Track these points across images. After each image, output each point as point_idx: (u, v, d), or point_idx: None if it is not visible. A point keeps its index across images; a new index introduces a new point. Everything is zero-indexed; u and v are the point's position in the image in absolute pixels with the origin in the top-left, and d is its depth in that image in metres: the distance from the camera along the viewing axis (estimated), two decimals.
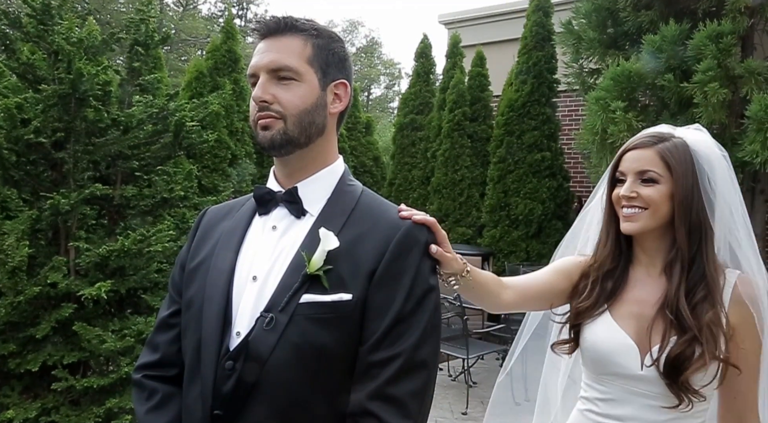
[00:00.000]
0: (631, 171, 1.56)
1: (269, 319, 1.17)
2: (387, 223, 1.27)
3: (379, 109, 35.04)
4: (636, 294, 1.61)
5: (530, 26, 8.58)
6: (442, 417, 5.29)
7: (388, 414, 1.16)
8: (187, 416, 1.25)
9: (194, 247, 1.38)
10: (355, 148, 10.80)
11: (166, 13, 28.44)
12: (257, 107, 1.28)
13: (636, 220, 1.55)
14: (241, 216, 1.36)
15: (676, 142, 1.54)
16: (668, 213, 1.53)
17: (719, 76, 5.14)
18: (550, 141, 8.54)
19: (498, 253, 8.43)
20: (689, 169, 1.52)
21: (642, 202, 1.54)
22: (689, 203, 1.51)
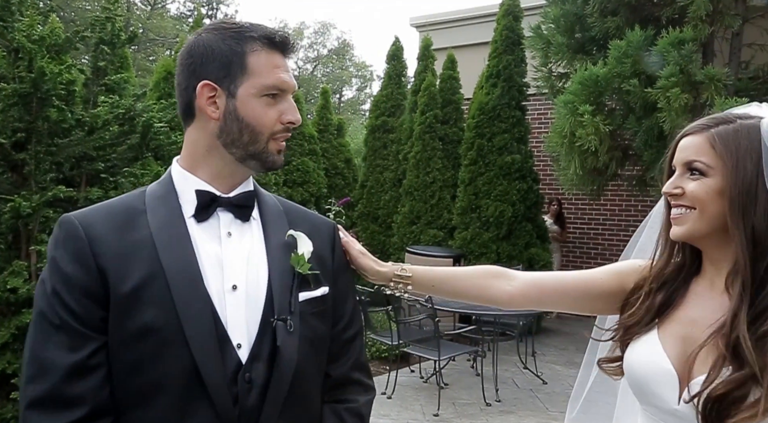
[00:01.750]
0: (679, 162, 1.28)
1: (288, 322, 1.24)
2: (319, 222, 1.45)
3: (351, 111, 35.03)
4: (690, 312, 1.30)
5: (500, 30, 8.63)
6: (413, 419, 5.29)
7: (365, 378, 1.42)
8: None
9: (106, 268, 1.15)
10: (327, 150, 10.76)
11: (134, 11, 28.08)
12: (284, 128, 1.28)
13: (682, 223, 1.26)
14: (164, 223, 1.22)
15: (740, 125, 1.23)
16: (722, 214, 1.22)
17: (681, 82, 5.24)
18: (520, 144, 8.59)
19: (469, 254, 8.45)
20: (750, 158, 1.19)
21: (688, 200, 1.25)
22: (747, 202, 1.18)
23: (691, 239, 1.29)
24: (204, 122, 1.26)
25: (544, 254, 8.48)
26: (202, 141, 1.27)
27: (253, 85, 1.24)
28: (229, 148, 1.26)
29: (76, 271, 1.14)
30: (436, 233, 9.00)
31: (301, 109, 10.36)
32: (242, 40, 1.25)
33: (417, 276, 1.55)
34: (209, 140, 1.27)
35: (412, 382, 6.30)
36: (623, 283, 1.44)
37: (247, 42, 1.25)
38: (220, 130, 1.25)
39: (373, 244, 9.82)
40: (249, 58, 1.24)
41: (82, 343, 1.13)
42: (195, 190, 1.25)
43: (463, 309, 6.18)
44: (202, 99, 1.24)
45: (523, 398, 5.90)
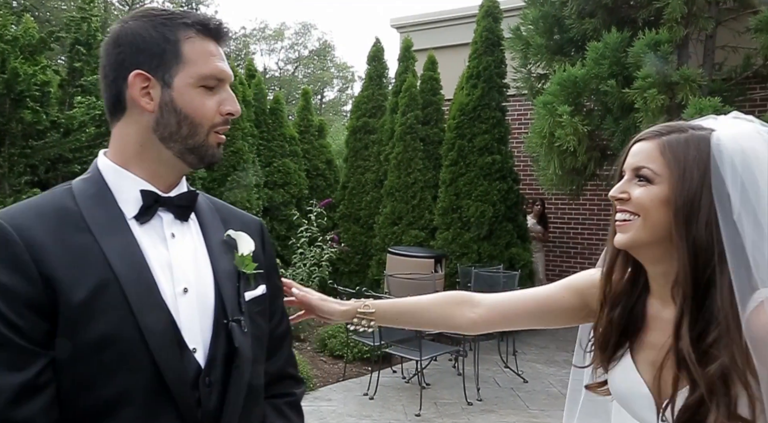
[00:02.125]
0: (629, 167, 1.25)
1: (242, 323, 1.23)
2: (248, 219, 1.42)
3: (332, 112, 35.00)
4: (651, 336, 1.29)
5: (480, 31, 8.66)
6: (395, 419, 5.30)
7: (295, 371, 1.47)
8: None
9: (51, 276, 1.06)
10: (308, 151, 10.74)
11: (111, 11, 27.78)
12: (224, 120, 1.23)
13: (626, 231, 1.23)
14: (106, 226, 1.14)
15: (691, 135, 1.21)
16: (664, 223, 1.19)
17: (657, 83, 5.30)
18: (501, 144, 8.63)
19: (450, 255, 8.47)
20: (697, 169, 1.17)
21: (633, 206, 1.22)
22: (690, 213, 1.16)
23: (634, 248, 1.26)
24: (137, 115, 1.18)
25: (524, 254, 8.53)
26: (136, 136, 1.19)
27: (190, 74, 1.18)
28: (167, 143, 1.19)
29: (16, 281, 1.03)
30: (417, 234, 9.02)
31: (281, 110, 10.34)
32: (175, 27, 1.19)
33: (380, 310, 1.56)
34: (144, 135, 1.19)
35: (394, 382, 6.31)
36: (584, 298, 1.43)
37: (180, 29, 1.18)
38: (157, 123, 1.18)
39: (354, 245, 9.82)
40: (184, 46, 1.18)
41: (28, 360, 1.03)
42: (140, 190, 1.17)
43: None
44: (135, 90, 1.16)
45: (504, 397, 5.93)
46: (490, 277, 7.49)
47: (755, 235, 1.12)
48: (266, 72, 34.22)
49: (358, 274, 9.79)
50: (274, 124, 10.16)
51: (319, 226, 8.14)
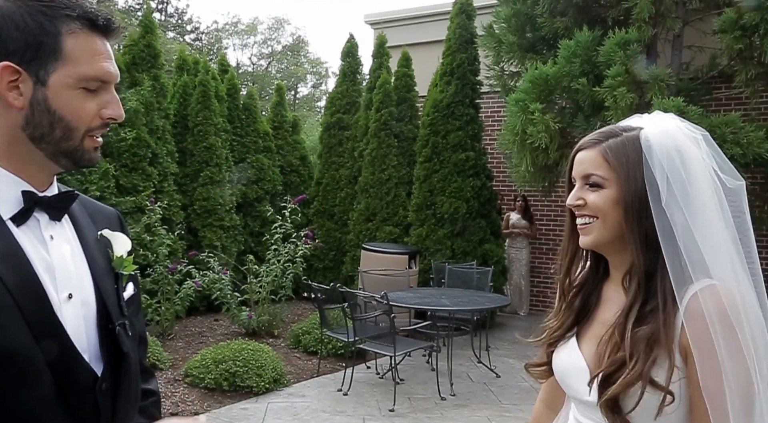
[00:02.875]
0: (578, 175, 1.35)
1: (126, 327, 1.19)
2: (108, 212, 1.34)
3: (306, 108, 34.84)
4: (602, 314, 1.39)
5: (454, 29, 8.72)
6: (369, 415, 5.31)
7: (145, 362, 1.39)
8: None
9: None
10: (282, 147, 10.72)
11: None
12: (103, 124, 1.13)
13: (589, 233, 1.33)
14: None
15: (626, 137, 1.30)
16: (620, 221, 1.29)
17: (627, 82, 5.38)
18: (474, 141, 8.70)
19: (424, 251, 8.53)
20: (639, 169, 1.27)
21: (590, 210, 1.32)
22: (638, 209, 1.27)
23: (598, 247, 1.35)
24: (3, 109, 1.06)
25: (497, 250, 8.62)
26: (2, 131, 1.07)
27: (69, 74, 1.06)
28: (38, 143, 1.08)
29: None
30: (391, 230, 9.06)
31: (255, 106, 10.30)
32: (57, 17, 1.05)
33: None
34: (12, 131, 1.07)
35: (368, 378, 6.32)
36: None
37: (63, 21, 1.06)
38: (26, 122, 1.06)
39: (329, 242, 9.84)
40: (65, 41, 1.06)
41: None
42: (22, 191, 1.08)
43: (418, 305, 6.24)
44: (2, 83, 1.04)
45: (477, 392, 5.97)
46: (463, 273, 7.55)
47: (683, 220, 1.23)
48: (239, 67, 33.94)
49: (332, 270, 9.81)
50: (248, 120, 10.13)
51: (294, 222, 8.13)
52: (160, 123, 8.54)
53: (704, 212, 1.25)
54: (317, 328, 6.70)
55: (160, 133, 8.54)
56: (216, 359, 5.82)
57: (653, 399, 1.19)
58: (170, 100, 9.14)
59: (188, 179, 9.05)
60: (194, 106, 9.18)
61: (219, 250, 8.76)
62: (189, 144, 9.15)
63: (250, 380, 5.68)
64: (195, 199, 9.02)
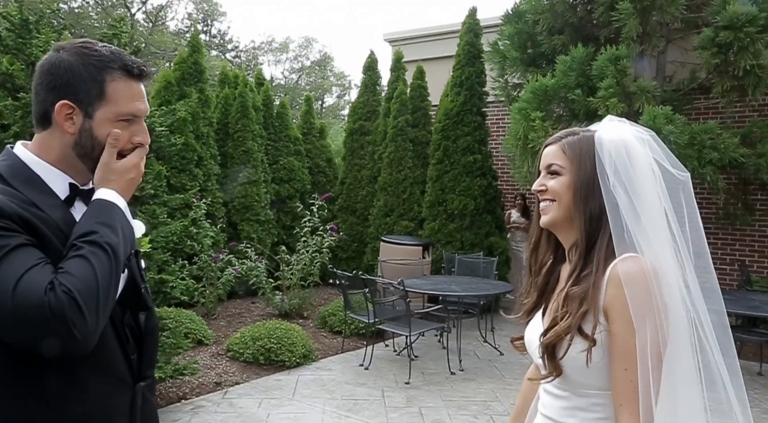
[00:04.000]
0: (542, 166, 1.44)
1: (147, 289, 1.40)
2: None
3: (332, 116, 34.84)
4: (558, 288, 1.46)
5: (463, 45, 8.71)
6: (387, 386, 5.35)
7: None
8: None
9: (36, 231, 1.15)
10: (310, 151, 10.77)
11: (137, 28, 27.61)
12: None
13: (547, 213, 1.42)
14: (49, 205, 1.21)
15: (582, 136, 1.40)
16: (570, 203, 1.38)
17: (618, 93, 5.36)
18: (481, 145, 8.68)
19: (436, 243, 8.53)
20: (589, 160, 1.36)
21: (550, 194, 1.40)
22: (585, 192, 1.35)
23: (553, 225, 1.43)
24: (59, 133, 1.24)
25: (501, 242, 8.60)
26: (57, 148, 1.25)
27: (110, 111, 1.24)
28: (82, 159, 1.25)
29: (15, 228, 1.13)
30: (407, 224, 9.07)
31: (287, 114, 10.37)
32: (103, 68, 1.24)
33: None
34: (64, 149, 1.25)
35: (387, 355, 6.35)
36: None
37: (107, 71, 1.24)
38: (75, 144, 1.24)
39: (351, 234, 9.88)
40: (108, 86, 1.23)
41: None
42: (69, 183, 1.26)
43: (430, 291, 6.27)
44: (60, 115, 1.22)
45: (483, 367, 5.99)
46: (471, 262, 7.56)
47: (626, 200, 1.31)
48: (273, 80, 34.04)
49: (354, 260, 9.85)
50: (280, 127, 10.19)
51: (320, 217, 8.19)
52: (205, 130, 8.65)
53: (645, 195, 1.32)
54: (341, 311, 6.73)
55: (204, 138, 8.64)
56: (253, 336, 5.89)
57: (579, 346, 1.27)
58: (213, 110, 9.23)
59: (228, 179, 9.15)
60: (234, 115, 9.27)
61: (255, 242, 8.85)
62: (229, 148, 9.23)
63: (283, 355, 5.75)
64: (234, 196, 9.10)
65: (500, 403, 5.01)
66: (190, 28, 30.12)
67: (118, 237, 1.15)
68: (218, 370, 5.60)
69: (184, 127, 7.94)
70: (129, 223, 1.23)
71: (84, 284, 1.07)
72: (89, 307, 1.06)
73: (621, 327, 1.24)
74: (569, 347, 1.29)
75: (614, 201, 1.33)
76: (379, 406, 4.87)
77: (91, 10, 28.06)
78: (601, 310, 1.28)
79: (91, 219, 1.17)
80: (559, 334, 1.30)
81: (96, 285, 1.08)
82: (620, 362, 1.24)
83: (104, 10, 27.85)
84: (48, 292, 1.03)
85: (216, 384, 5.27)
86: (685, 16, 5.77)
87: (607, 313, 1.27)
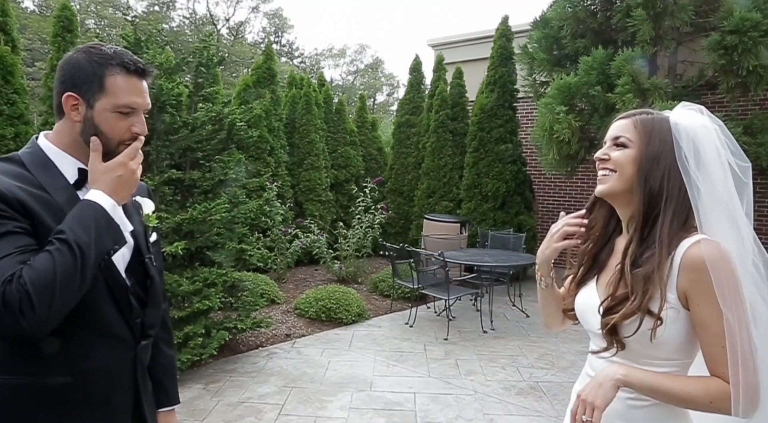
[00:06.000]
0: (609, 137, 1.29)
1: (153, 259, 1.38)
2: (143, 187, 1.48)
3: (382, 111, 34.71)
4: (613, 262, 1.31)
5: (496, 48, 8.56)
6: (428, 342, 5.40)
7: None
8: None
9: (33, 215, 1.14)
10: (364, 141, 10.81)
11: (222, 41, 28.19)
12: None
13: (605, 182, 1.27)
14: (56, 188, 1.20)
15: (656, 116, 1.26)
16: (633, 177, 1.23)
17: (633, 89, 5.20)
18: (512, 135, 8.56)
19: (472, 220, 8.50)
20: (660, 137, 1.22)
21: (612, 164, 1.25)
22: (650, 168, 1.21)
23: (610, 195, 1.28)
24: (70, 122, 1.23)
25: (529, 220, 8.50)
26: (69, 135, 1.24)
27: (108, 102, 1.21)
28: (88, 146, 1.24)
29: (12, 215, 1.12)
30: (447, 204, 9.07)
31: (344, 111, 10.44)
32: (104, 64, 1.21)
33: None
34: (74, 136, 1.24)
35: (428, 315, 6.40)
36: None
37: (108, 67, 1.21)
38: (81, 131, 1.23)
39: (399, 213, 9.94)
40: (107, 80, 1.21)
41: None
42: (78, 168, 1.24)
43: (467, 261, 6.29)
44: (68, 105, 1.22)
45: (511, 327, 5.99)
46: (502, 237, 7.52)
47: (702, 183, 1.18)
48: (332, 82, 34.19)
49: (401, 235, 9.91)
50: (338, 121, 10.27)
51: (372, 198, 8.27)
52: (276, 124, 8.81)
53: (717, 180, 1.19)
54: (390, 278, 6.80)
55: (276, 132, 8.81)
56: (316, 298, 6.02)
57: (646, 324, 1.16)
58: (283, 107, 9.37)
59: (295, 166, 9.30)
60: (300, 111, 9.40)
61: (318, 219, 8.99)
62: (296, 140, 9.37)
63: (341, 314, 5.87)
64: (300, 180, 9.25)
65: (525, 357, 5.02)
66: (265, 40, 30.57)
67: (89, 236, 1.09)
68: (288, 325, 5.75)
69: (259, 122, 8.12)
70: (110, 221, 1.16)
71: (41, 278, 1.02)
72: (41, 300, 1.01)
73: (708, 310, 1.11)
74: (640, 326, 1.16)
75: (694, 184, 1.18)
76: (422, 357, 4.95)
77: (186, 28, 28.85)
78: (674, 290, 1.15)
79: (69, 218, 1.12)
80: (626, 316, 1.17)
81: (53, 279, 1.03)
82: (716, 341, 1.11)
83: (196, 27, 28.58)
84: (6, 283, 1.01)
85: (286, 335, 5.44)
86: (694, 21, 5.53)
87: (687, 296, 1.14)
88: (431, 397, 4.07)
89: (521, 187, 8.57)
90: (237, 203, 4.51)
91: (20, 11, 20.63)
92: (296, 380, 4.32)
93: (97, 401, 1.24)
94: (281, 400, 3.92)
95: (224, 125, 4.33)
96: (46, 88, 5.90)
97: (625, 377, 1.14)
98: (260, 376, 4.38)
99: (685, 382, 1.15)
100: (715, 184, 1.18)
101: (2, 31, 5.12)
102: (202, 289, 4.17)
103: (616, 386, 1.14)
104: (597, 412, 1.11)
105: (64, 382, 1.18)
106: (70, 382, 1.19)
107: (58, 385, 1.18)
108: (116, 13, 25.94)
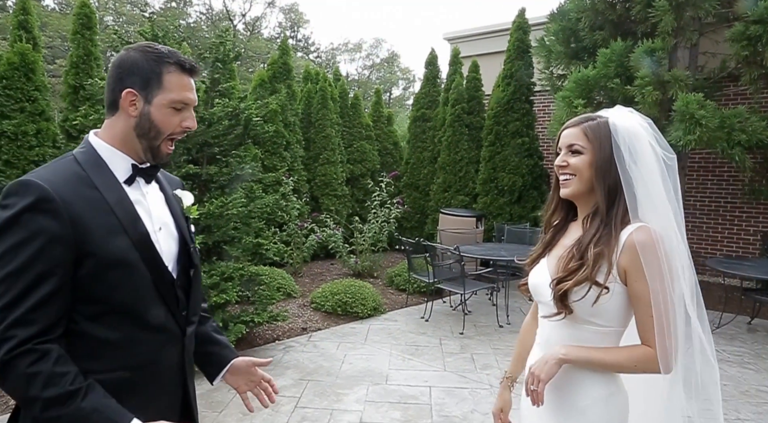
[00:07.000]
0: (563, 145, 1.47)
1: (196, 249, 1.44)
2: (176, 180, 1.55)
3: (398, 105, 34.65)
4: (564, 241, 1.53)
5: (513, 41, 8.47)
6: (444, 336, 5.38)
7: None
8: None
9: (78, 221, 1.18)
10: (379, 136, 10.81)
11: (238, 36, 28.35)
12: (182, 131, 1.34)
13: (568, 186, 1.46)
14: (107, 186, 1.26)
15: (599, 121, 1.43)
16: (590, 179, 1.43)
17: (653, 82, 5.12)
18: (529, 129, 8.48)
19: (488, 215, 8.47)
20: (606, 141, 1.40)
21: (571, 169, 1.44)
22: (605, 169, 1.40)
23: (573, 197, 1.49)
24: (125, 117, 1.29)
25: None
26: (122, 130, 1.30)
27: (165, 98, 1.28)
28: (140, 139, 1.30)
29: (56, 225, 1.15)
30: (463, 199, 9.03)
31: (359, 105, 10.43)
32: (161, 62, 1.28)
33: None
34: (127, 130, 1.29)
35: (444, 309, 6.38)
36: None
37: (165, 65, 1.28)
38: (136, 125, 1.28)
39: (414, 207, 9.93)
40: (164, 77, 1.28)
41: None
42: (131, 164, 1.31)
43: (482, 255, 6.26)
44: (126, 101, 1.27)
45: None
46: (518, 231, 7.47)
47: (639, 177, 1.38)
48: (348, 76, 34.18)
49: (417, 229, 9.91)
50: (354, 115, 10.27)
51: (388, 192, 8.27)
52: (291, 119, 8.85)
53: (651, 173, 1.39)
54: (406, 272, 6.79)
55: (291, 126, 8.84)
56: (332, 292, 6.03)
57: (593, 293, 1.36)
58: (299, 102, 9.40)
59: (311, 160, 9.34)
60: (316, 106, 9.41)
61: (334, 213, 9.02)
62: (312, 134, 9.39)
63: (357, 308, 5.87)
64: (316, 175, 9.28)
65: None
66: (280, 35, 30.67)
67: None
68: (304, 318, 5.77)
69: (275, 117, 8.15)
70: None
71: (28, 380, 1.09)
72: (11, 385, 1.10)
73: (641, 285, 1.34)
74: (587, 293, 1.37)
75: (630, 178, 1.39)
76: (437, 351, 4.94)
77: (203, 24, 29.06)
78: (615, 266, 1.37)
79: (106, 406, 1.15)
80: (578, 282, 1.38)
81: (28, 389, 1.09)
82: (646, 311, 1.34)
83: (213, 23, 28.77)
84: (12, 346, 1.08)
85: (302, 329, 5.46)
86: (717, 11, 5.40)
87: (626, 273, 1.36)
88: (447, 390, 4.07)
89: (538, 181, 8.49)
90: (253, 198, 4.53)
91: (41, 9, 20.98)
92: (312, 373, 4.34)
93: (151, 394, 1.29)
94: (298, 393, 3.95)
95: (240, 120, 4.34)
96: (66, 85, 5.99)
97: (565, 355, 1.40)
98: (277, 369, 4.41)
99: (615, 352, 1.40)
100: (650, 174, 1.38)
101: (23, 29, 5.20)
102: (219, 283, 4.21)
103: (558, 363, 1.40)
104: (542, 384, 1.38)
105: (120, 378, 1.23)
106: (126, 377, 1.24)
107: (115, 380, 1.22)
108: (134, 9, 26.22)
